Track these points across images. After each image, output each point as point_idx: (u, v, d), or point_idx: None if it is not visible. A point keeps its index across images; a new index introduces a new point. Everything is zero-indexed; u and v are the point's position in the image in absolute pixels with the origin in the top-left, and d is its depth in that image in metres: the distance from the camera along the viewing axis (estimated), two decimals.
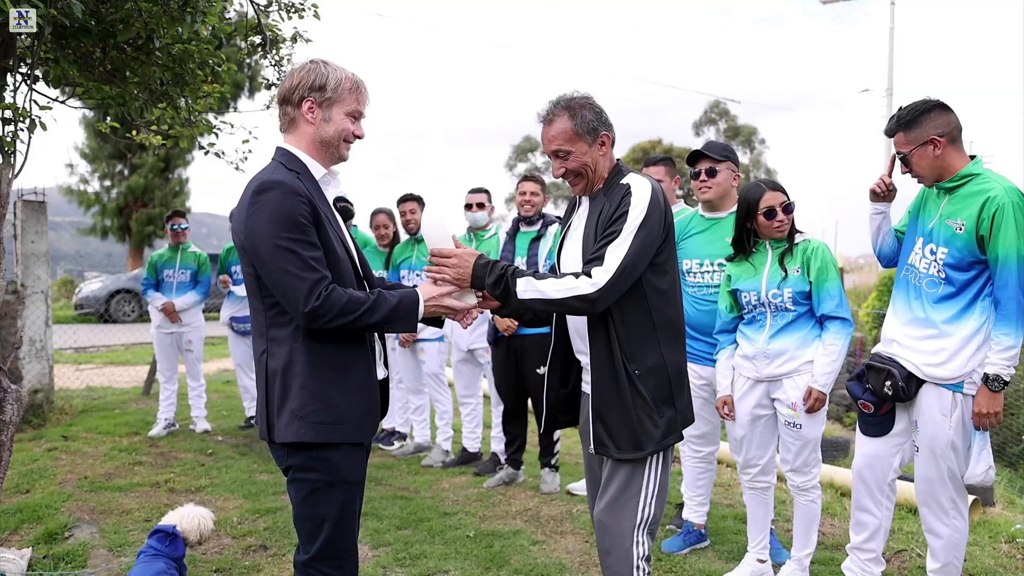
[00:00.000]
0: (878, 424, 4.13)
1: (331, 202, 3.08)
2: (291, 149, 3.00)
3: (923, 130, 3.86)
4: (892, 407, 4.07)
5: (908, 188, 4.25)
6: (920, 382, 3.92)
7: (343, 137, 3.01)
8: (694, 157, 4.90)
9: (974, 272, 3.79)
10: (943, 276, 3.84)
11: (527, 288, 3.04)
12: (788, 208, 4.34)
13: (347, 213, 7.56)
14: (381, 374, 3.22)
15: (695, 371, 4.87)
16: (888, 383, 3.95)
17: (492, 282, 3.05)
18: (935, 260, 3.87)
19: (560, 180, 3.34)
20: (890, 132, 4.01)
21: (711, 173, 4.81)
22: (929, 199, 4.05)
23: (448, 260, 3.08)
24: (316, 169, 2.99)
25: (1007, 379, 3.70)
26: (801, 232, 4.42)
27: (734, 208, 4.83)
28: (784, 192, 4.36)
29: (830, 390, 4.28)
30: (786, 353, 4.34)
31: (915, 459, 4.02)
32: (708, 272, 4.86)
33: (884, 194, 4.26)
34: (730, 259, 4.57)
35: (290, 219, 2.78)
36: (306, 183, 2.90)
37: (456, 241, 3.15)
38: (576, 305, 3.05)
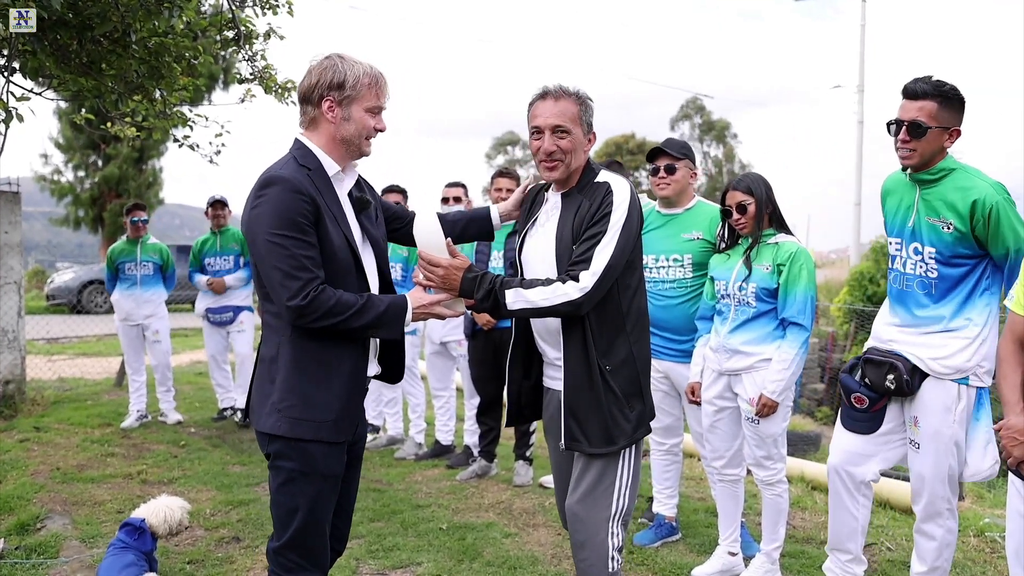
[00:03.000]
0: (867, 421, 4.01)
1: (347, 193, 3.08)
2: (307, 144, 3.00)
3: (955, 116, 3.70)
4: (884, 405, 3.97)
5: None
6: (923, 376, 3.81)
7: (364, 134, 3.01)
8: (654, 154, 4.97)
9: (968, 266, 3.72)
10: (935, 275, 3.78)
11: (516, 300, 3.07)
12: (740, 207, 4.41)
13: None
14: (373, 371, 3.21)
15: (653, 365, 4.92)
16: (891, 376, 3.84)
17: (481, 296, 3.08)
18: (922, 260, 3.81)
19: (535, 171, 3.33)
20: (922, 94, 3.68)
21: (670, 170, 4.87)
22: (895, 192, 3.98)
23: (436, 271, 3.10)
24: (330, 166, 3.00)
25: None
26: (783, 233, 4.44)
27: (689, 204, 4.95)
28: (748, 191, 4.41)
29: (783, 397, 4.31)
30: (743, 348, 4.41)
31: (912, 458, 3.90)
32: (663, 267, 4.92)
33: None
34: (718, 249, 4.65)
35: (287, 216, 2.80)
36: (316, 180, 2.91)
37: (451, 248, 3.15)
38: (564, 310, 3.08)
